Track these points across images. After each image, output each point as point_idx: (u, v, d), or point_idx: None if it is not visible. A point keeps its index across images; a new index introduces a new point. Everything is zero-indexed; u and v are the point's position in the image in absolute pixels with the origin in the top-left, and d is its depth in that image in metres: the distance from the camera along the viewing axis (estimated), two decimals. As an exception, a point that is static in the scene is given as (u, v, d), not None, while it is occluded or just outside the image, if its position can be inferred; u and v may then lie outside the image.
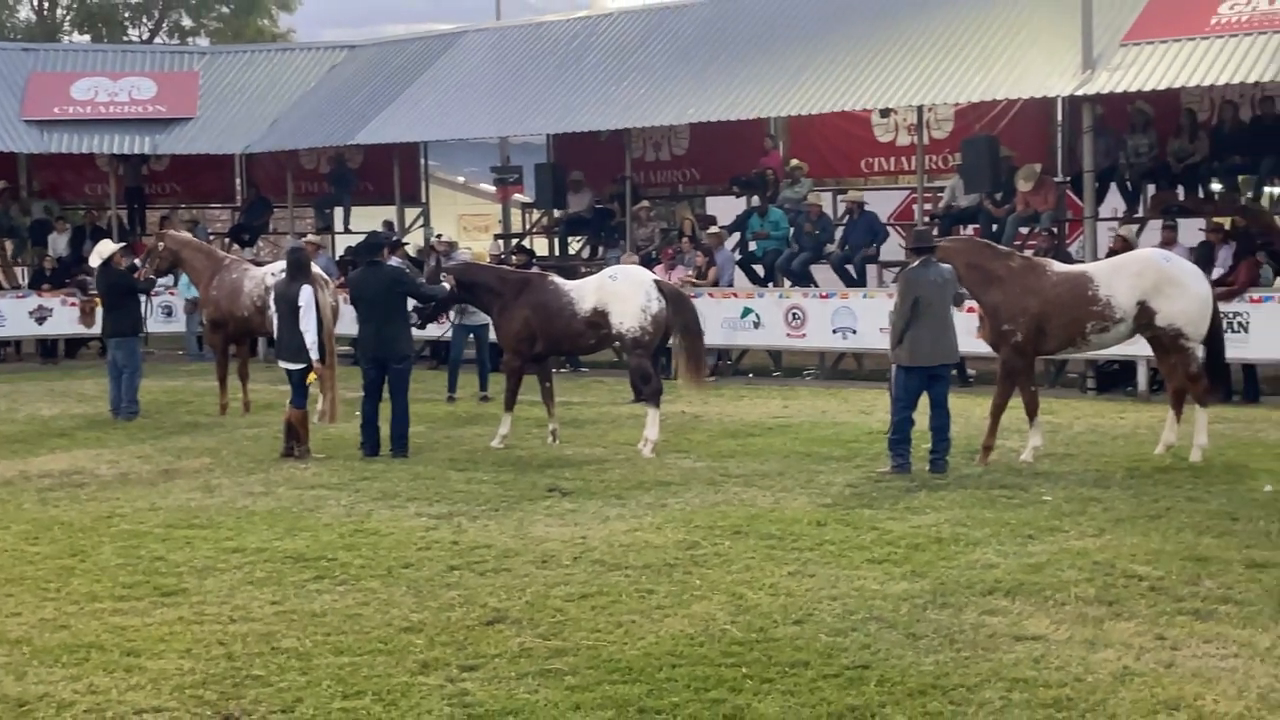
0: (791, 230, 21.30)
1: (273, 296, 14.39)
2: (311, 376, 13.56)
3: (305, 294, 13.41)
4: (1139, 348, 14.27)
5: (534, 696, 6.58)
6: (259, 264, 18.77)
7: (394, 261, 15.85)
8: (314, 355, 13.42)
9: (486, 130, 25.13)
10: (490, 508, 11.05)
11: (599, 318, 13.77)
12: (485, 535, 10.05)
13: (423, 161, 27.35)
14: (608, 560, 9.18)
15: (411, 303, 14.16)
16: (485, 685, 6.77)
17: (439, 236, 23.32)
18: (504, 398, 14.33)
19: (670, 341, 14.23)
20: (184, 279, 21.34)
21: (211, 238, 25.64)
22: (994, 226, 19.42)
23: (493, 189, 29.42)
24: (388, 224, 25.22)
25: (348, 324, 17.74)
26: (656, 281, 14.15)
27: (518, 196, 27.13)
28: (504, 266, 16.42)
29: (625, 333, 13.70)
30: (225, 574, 9.09)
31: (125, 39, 42.77)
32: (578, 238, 25.82)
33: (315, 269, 14.59)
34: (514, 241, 25.15)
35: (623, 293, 13.75)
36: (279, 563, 9.34)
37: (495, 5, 29.11)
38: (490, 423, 15.05)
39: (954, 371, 13.92)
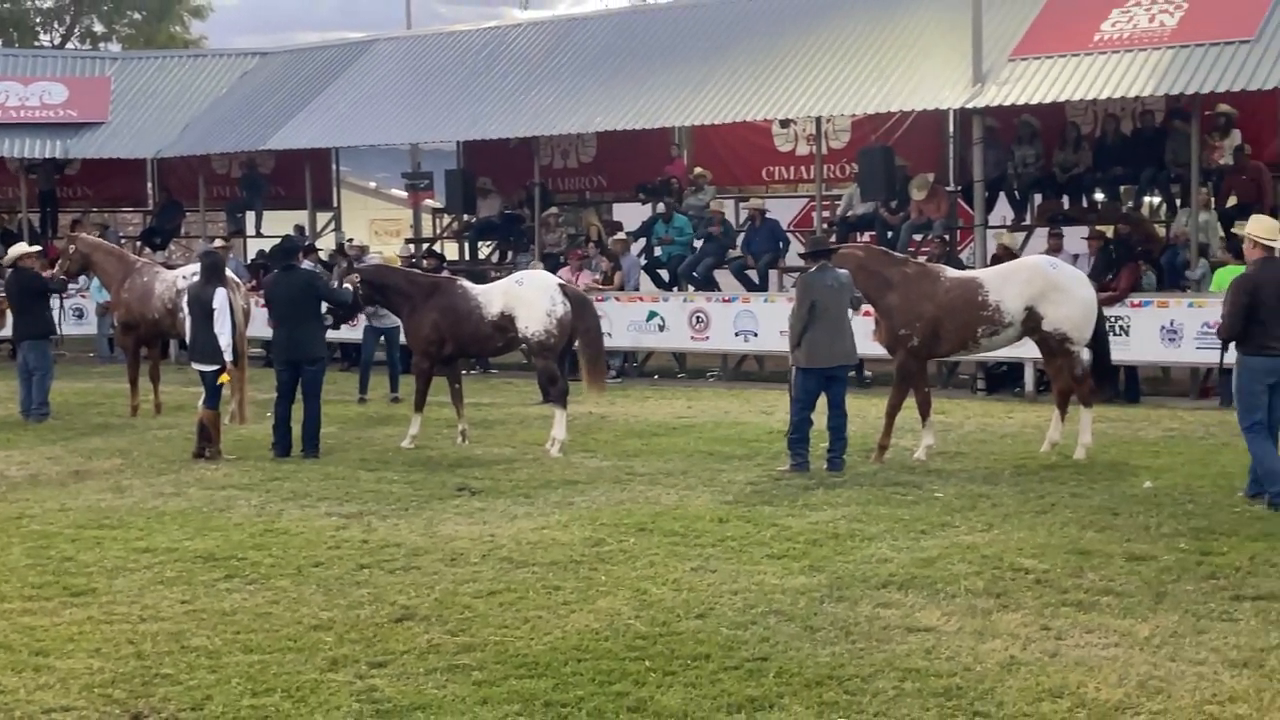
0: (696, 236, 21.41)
1: (186, 299, 14.21)
2: (224, 377, 13.38)
3: (219, 297, 13.27)
4: (1026, 350, 14.47)
5: (442, 692, 6.54)
6: (170, 267, 18.49)
7: (306, 265, 15.69)
8: (228, 357, 13.28)
9: (397, 137, 24.94)
10: (400, 507, 10.97)
11: (506, 321, 13.75)
12: (395, 534, 9.97)
13: (334, 167, 27.08)
14: (515, 558, 9.15)
15: (325, 305, 14.06)
16: (394, 681, 6.71)
17: (350, 241, 23.13)
18: (414, 399, 14.26)
19: (575, 345, 14.21)
20: (95, 282, 20.90)
21: (123, 241, 25.18)
22: (889, 234, 19.62)
23: (404, 194, 29.19)
24: (299, 228, 24.91)
25: (259, 326, 17.59)
26: (561, 286, 14.15)
27: (428, 202, 26.93)
28: (414, 270, 16.31)
29: (531, 336, 13.67)
30: (135, 574, 8.94)
31: (37, 44, 41.90)
32: (487, 243, 25.70)
33: (227, 272, 14.42)
34: (424, 246, 24.99)
35: (529, 297, 13.74)
36: (189, 562, 9.20)
37: (406, 15, 28.76)
38: (401, 423, 14.95)
39: (851, 373, 14.01)
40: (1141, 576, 8.35)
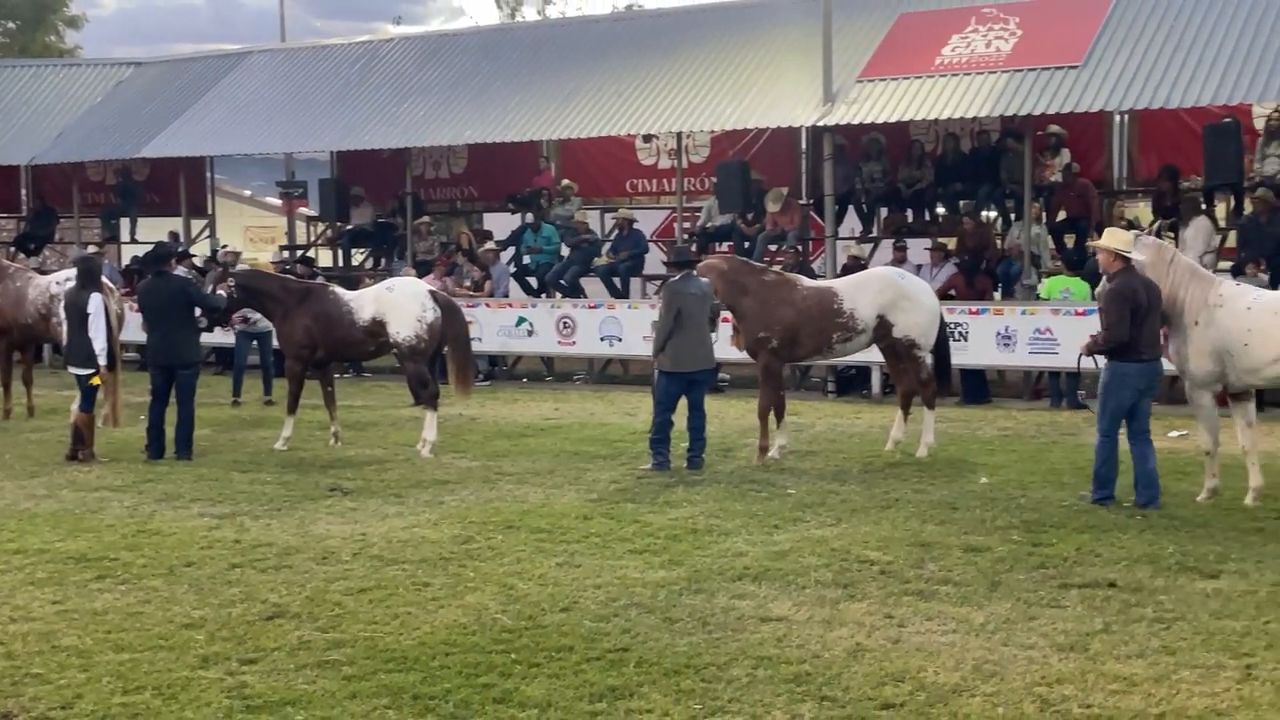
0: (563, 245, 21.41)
1: (62, 304, 13.84)
2: (95, 380, 13.03)
3: (94, 302, 12.97)
4: (873, 355, 14.69)
5: (312, 687, 6.43)
6: (44, 272, 17.97)
7: (180, 271, 15.34)
8: (102, 361, 12.95)
9: (271, 146, 24.51)
10: (273, 507, 10.77)
11: (378, 327, 13.62)
12: (267, 534, 9.78)
13: (209, 175, 26.52)
14: (386, 555, 9.03)
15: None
16: (264, 677, 6.58)
17: (225, 247, 22.66)
18: (287, 401, 14.03)
19: (444, 349, 14.13)
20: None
21: (-2, 248, 24.47)
22: (745, 244, 19.81)
23: (278, 202, 28.73)
24: (174, 234, 24.35)
25: (134, 331, 17.12)
26: (431, 292, 14.05)
27: (302, 210, 26.55)
28: (288, 276, 16.04)
29: (402, 341, 13.56)
30: (6, 575, 8.65)
31: (-90, 51, 40.51)
32: (361, 250, 25.39)
33: (102, 277, 14.06)
34: (298, 253, 24.61)
35: (399, 303, 13.65)
36: (61, 563, 8.93)
37: (280, 28, 28.33)
38: (274, 426, 14.68)
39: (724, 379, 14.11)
40: (978, 567, 8.50)
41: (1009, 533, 9.43)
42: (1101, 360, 10.59)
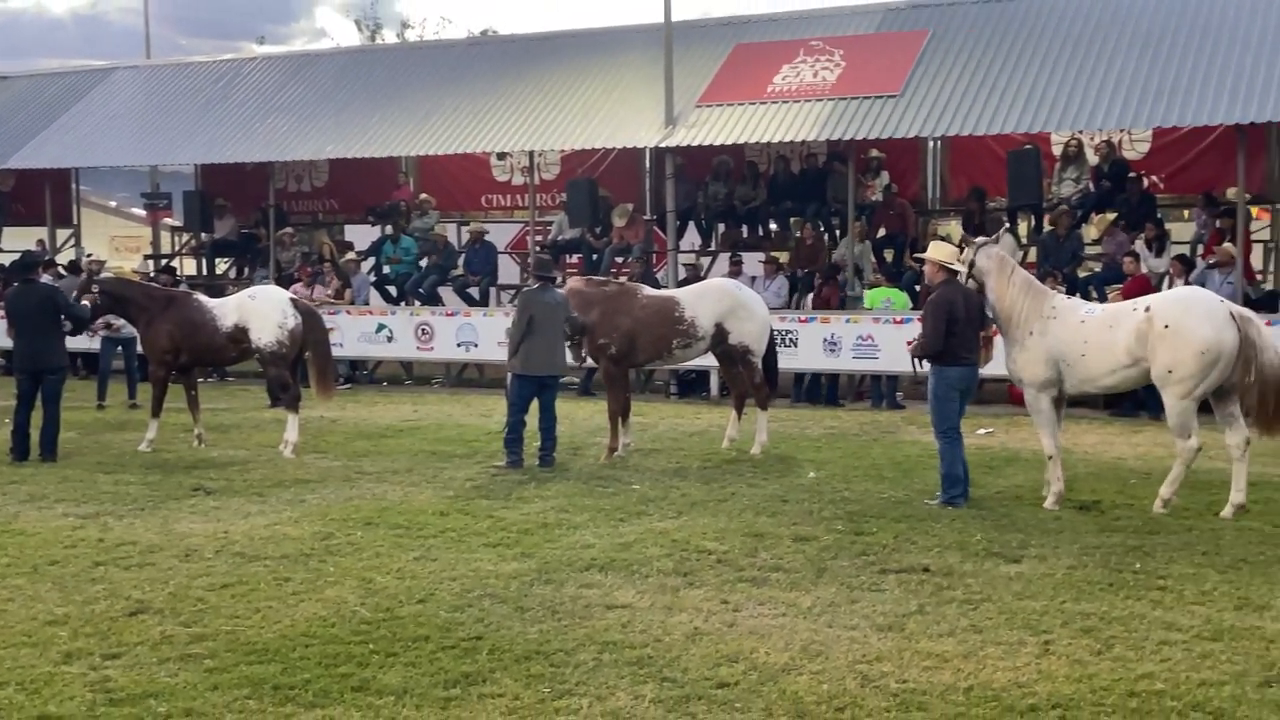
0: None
1: None
2: None
3: None
4: (711, 360, 14.80)
5: (174, 679, 6.23)
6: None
7: (46, 279, 14.79)
8: None
9: (135, 159, 23.78)
10: (137, 507, 10.43)
11: (240, 333, 13.37)
12: (131, 532, 9.46)
13: (74, 186, 25.56)
14: (248, 552, 8.81)
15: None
16: (127, 671, 6.36)
17: (90, 256, 21.88)
18: (151, 405, 13.64)
19: (305, 354, 13.87)
20: None
21: None
22: (594, 256, 19.86)
23: (143, 213, 27.87)
24: (40, 243, 23.53)
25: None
26: (293, 300, 13.81)
27: (167, 220, 25.81)
28: (152, 284, 15.60)
29: (264, 346, 13.30)
30: None
31: None
32: (224, 260, 24.78)
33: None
34: (163, 262, 23.89)
35: (261, 310, 13.42)
36: (-77, 564, 8.54)
37: (145, 45, 27.46)
38: (138, 428, 14.21)
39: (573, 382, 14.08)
40: (805, 555, 8.59)
41: (834, 523, 9.57)
42: (926, 365, 10.62)
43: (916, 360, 10.69)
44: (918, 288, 16.72)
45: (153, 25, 27.86)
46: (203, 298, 14.04)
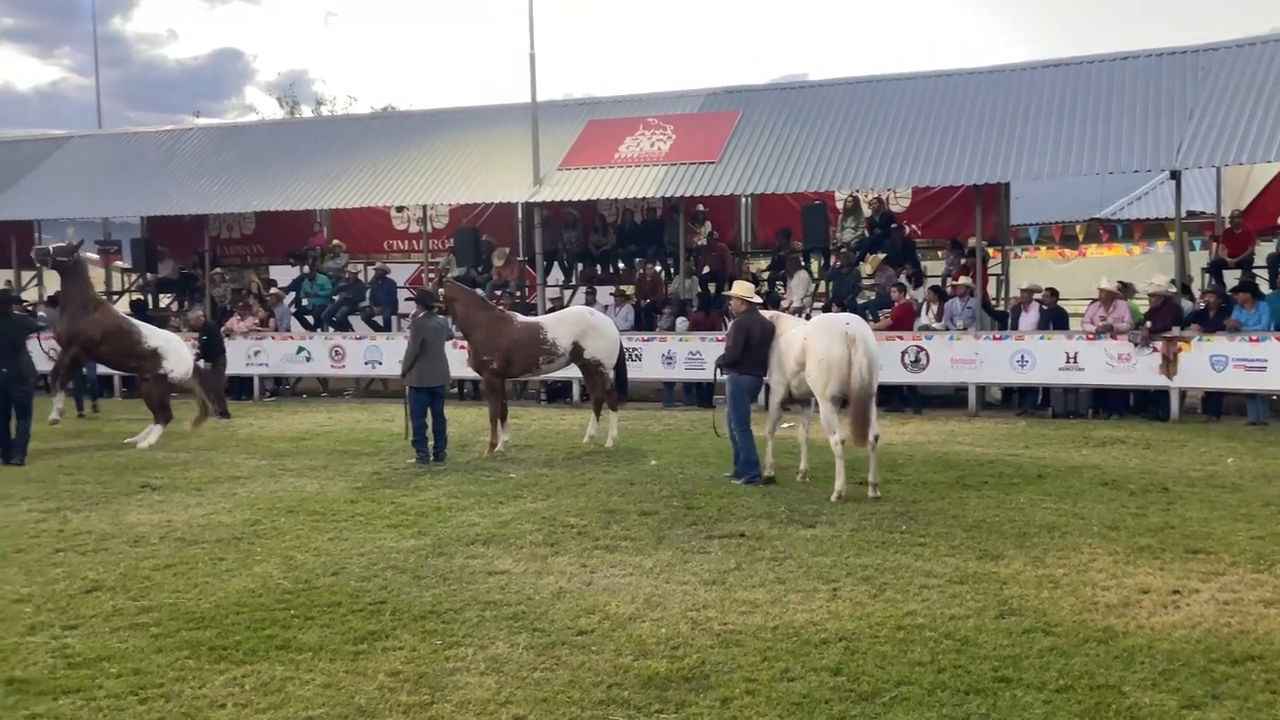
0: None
1: None
2: None
3: None
4: (573, 372, 14.79)
5: (124, 645, 5.99)
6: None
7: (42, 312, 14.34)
8: None
9: (90, 212, 22.68)
10: (92, 502, 9.99)
11: (151, 354, 14.07)
12: (87, 524, 9.06)
13: (37, 234, 24.27)
14: (188, 538, 8.51)
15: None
16: (84, 640, 6.09)
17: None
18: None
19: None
20: None
21: None
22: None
23: (97, 257, 26.62)
24: (8, 283, 22.34)
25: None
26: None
27: (118, 263, 24.71)
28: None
29: (168, 373, 14.05)
30: None
31: None
32: (167, 295, 23.84)
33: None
34: (114, 298, 22.89)
35: (177, 349, 14.23)
36: (-99, 556, 8.03)
37: (98, 116, 26.30)
38: (91, 436, 13.59)
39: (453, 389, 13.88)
40: (648, 526, 8.65)
41: (671, 500, 9.64)
42: (721, 374, 10.79)
43: (718, 370, 10.89)
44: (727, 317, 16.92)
45: (104, 100, 26.74)
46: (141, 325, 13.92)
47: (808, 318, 13.84)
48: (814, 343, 9.80)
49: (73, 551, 8.12)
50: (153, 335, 14.36)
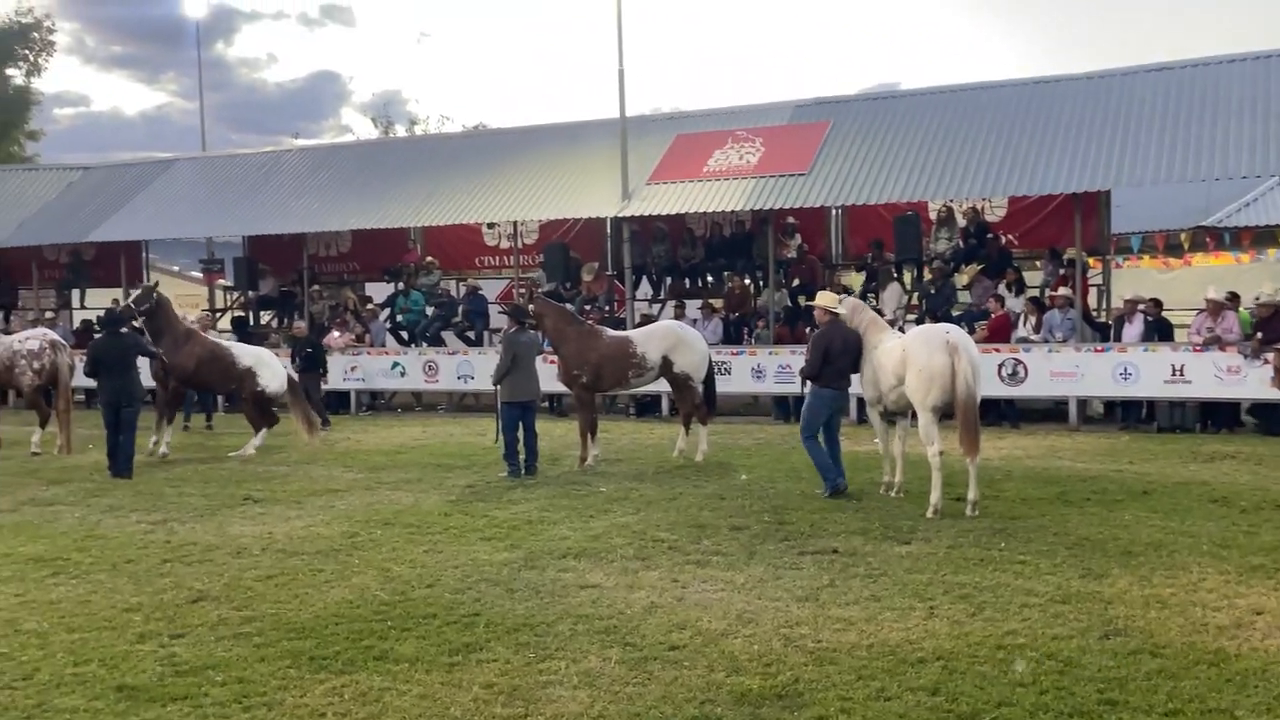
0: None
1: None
2: None
3: None
4: (662, 386, 14.78)
5: (229, 654, 6.16)
6: (7, 333, 16.91)
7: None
8: None
9: (193, 232, 23.56)
10: (197, 514, 10.30)
11: (247, 373, 14.52)
12: (192, 535, 9.35)
13: (144, 255, 25.22)
14: (288, 549, 8.73)
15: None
16: (190, 648, 6.28)
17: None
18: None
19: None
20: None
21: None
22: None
23: (200, 275, 27.61)
24: (115, 302, 23.16)
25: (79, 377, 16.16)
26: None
27: (220, 281, 25.59)
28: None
29: (265, 389, 14.57)
30: (-26, 576, 8.09)
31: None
32: (267, 312, 24.58)
33: (56, 336, 13.41)
34: (216, 314, 23.70)
35: (271, 363, 14.76)
36: (22, 564, 8.39)
37: (201, 139, 27.36)
38: (195, 450, 14.04)
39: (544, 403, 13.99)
40: (739, 541, 8.60)
41: (761, 515, 9.58)
42: (808, 385, 10.70)
43: (801, 382, 10.77)
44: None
45: (207, 124, 27.91)
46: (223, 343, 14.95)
47: (901, 331, 13.69)
48: (915, 353, 9.65)
49: (179, 562, 8.39)
50: (244, 354, 14.81)
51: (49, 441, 14.82)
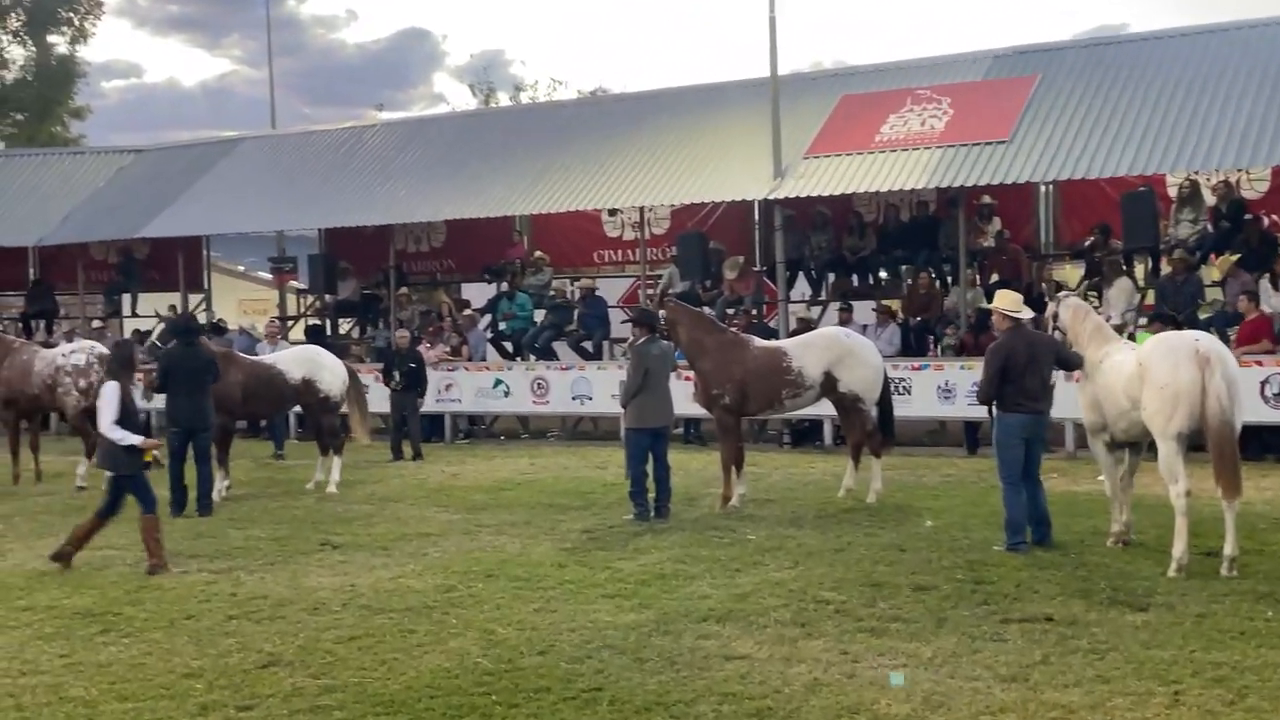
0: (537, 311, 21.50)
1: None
2: (149, 455, 10.54)
3: (106, 392, 10.46)
4: (825, 408, 14.69)
5: (305, 730, 6.35)
6: (49, 346, 17.84)
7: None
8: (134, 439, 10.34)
9: (262, 225, 24.53)
10: (266, 561, 10.66)
11: (305, 385, 14.98)
12: (262, 586, 9.67)
13: (205, 252, 26.44)
14: (374, 605, 8.94)
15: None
16: (260, 722, 6.50)
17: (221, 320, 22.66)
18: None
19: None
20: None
21: (5, 324, 24.36)
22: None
23: (270, 277, 28.67)
24: (172, 308, 24.32)
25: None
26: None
27: (293, 283, 26.51)
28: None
29: (330, 395, 15.14)
30: (16, 630, 8.53)
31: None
32: (347, 320, 25.36)
33: (104, 349, 14.02)
34: (287, 323, 24.55)
35: (328, 363, 15.29)
36: (68, 618, 8.81)
37: (271, 115, 28.44)
38: (257, 485, 14.54)
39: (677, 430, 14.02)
40: (925, 604, 8.48)
41: (953, 572, 9.43)
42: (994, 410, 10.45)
43: (988, 407, 10.57)
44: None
45: (277, 95, 29.01)
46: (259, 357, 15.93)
47: (1130, 338, 13.31)
48: (1154, 367, 9.37)
49: (246, 619, 8.67)
50: (294, 364, 15.20)
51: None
